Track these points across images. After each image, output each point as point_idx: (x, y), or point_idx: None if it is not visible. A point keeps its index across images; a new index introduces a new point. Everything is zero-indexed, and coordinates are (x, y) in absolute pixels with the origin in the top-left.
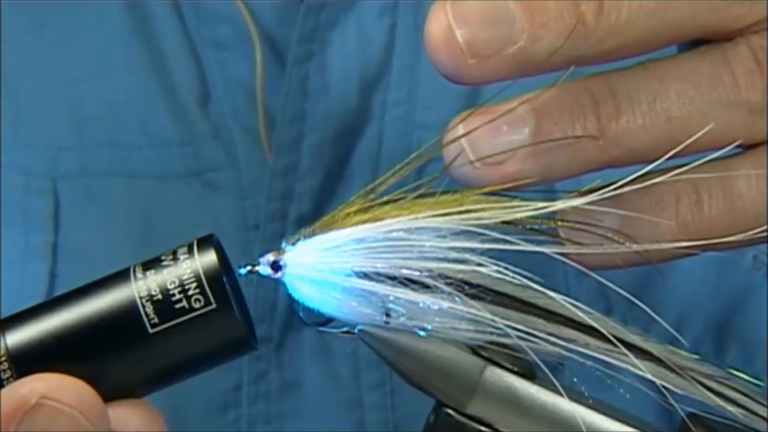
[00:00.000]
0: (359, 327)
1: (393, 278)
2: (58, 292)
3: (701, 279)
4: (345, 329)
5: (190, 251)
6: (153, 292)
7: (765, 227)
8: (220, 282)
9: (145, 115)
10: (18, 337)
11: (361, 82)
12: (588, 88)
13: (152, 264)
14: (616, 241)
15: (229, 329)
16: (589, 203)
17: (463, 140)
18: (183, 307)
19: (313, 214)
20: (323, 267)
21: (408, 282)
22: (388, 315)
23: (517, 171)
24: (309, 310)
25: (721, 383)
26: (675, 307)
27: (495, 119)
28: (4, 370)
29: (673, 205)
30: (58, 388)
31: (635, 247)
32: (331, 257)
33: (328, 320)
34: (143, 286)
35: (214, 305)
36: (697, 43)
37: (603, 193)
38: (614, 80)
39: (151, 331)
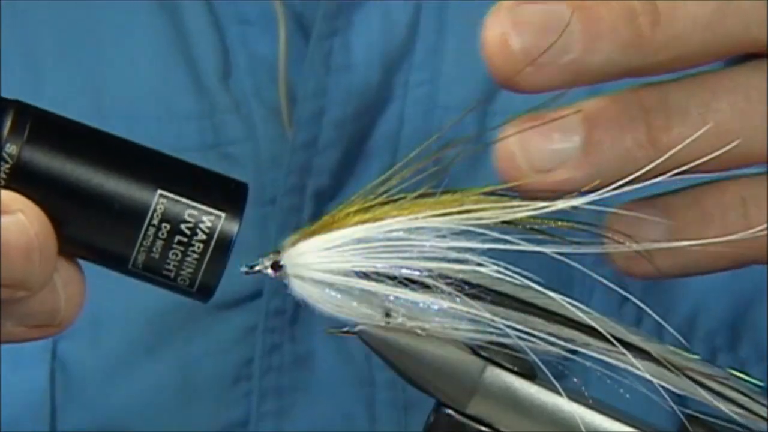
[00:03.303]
0: (359, 327)
1: (393, 278)
2: None
3: (716, 273)
4: (345, 329)
5: (219, 204)
6: (165, 217)
7: (765, 227)
8: (225, 254)
9: (166, 88)
10: (38, 154)
11: (383, 61)
12: (639, 98)
13: (183, 191)
14: (617, 241)
15: (199, 274)
16: (589, 203)
17: (514, 146)
18: (180, 242)
19: (331, 189)
20: (323, 267)
21: (408, 282)
22: (388, 315)
23: (567, 179)
24: None
25: (721, 383)
26: (689, 299)
27: (546, 126)
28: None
29: (720, 217)
30: (34, 215)
31: (635, 247)
32: (331, 257)
33: None
34: (162, 207)
35: (204, 264)
36: (747, 57)
37: (603, 193)
38: (666, 91)
39: (133, 254)
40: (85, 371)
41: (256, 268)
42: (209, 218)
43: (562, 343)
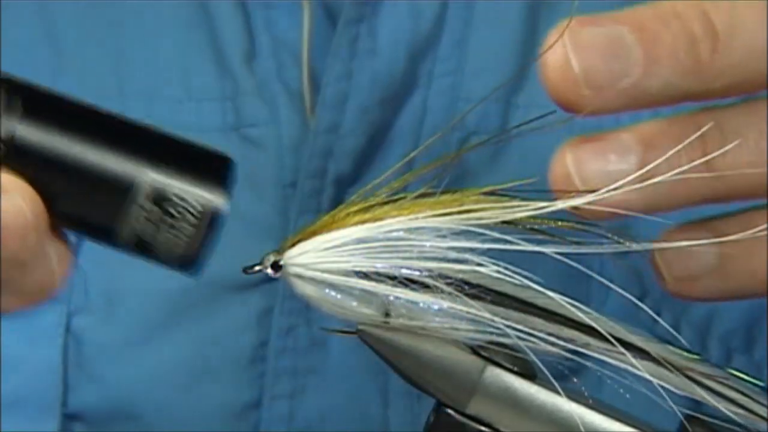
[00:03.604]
0: (359, 327)
1: (393, 278)
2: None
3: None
4: (345, 329)
5: (208, 181)
6: (154, 194)
7: (765, 227)
8: (213, 230)
9: (189, 68)
10: (30, 131)
11: (409, 49)
12: (695, 121)
13: (172, 167)
14: (617, 241)
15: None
16: (589, 203)
17: (570, 166)
18: (169, 218)
19: (353, 174)
20: (323, 267)
21: (408, 282)
22: (388, 315)
23: (623, 201)
24: None
25: (721, 383)
26: None
27: (602, 146)
28: None
29: None
30: (28, 195)
31: (635, 246)
32: (331, 257)
33: None
34: (151, 183)
35: (193, 239)
36: None
37: (603, 193)
38: (722, 116)
39: (121, 229)
40: (99, 347)
41: (257, 268)
42: (198, 195)
43: (562, 343)
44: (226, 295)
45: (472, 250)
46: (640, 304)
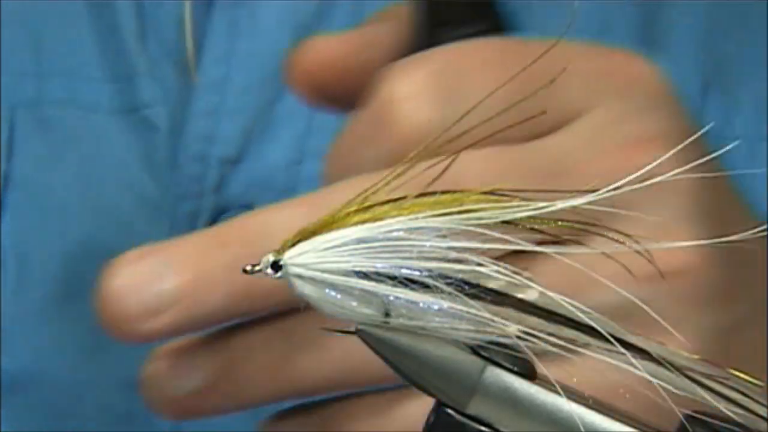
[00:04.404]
0: (359, 327)
1: (393, 278)
2: (4, 222)
3: None
4: (345, 329)
5: None
6: None
7: (765, 227)
8: None
9: (82, 49)
10: None
11: (295, 28)
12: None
13: None
14: (617, 241)
15: None
16: (590, 203)
17: (120, 289)
18: None
19: (238, 155)
20: (323, 267)
21: (408, 282)
22: (388, 315)
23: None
24: None
25: (721, 383)
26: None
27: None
28: None
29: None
30: None
31: (635, 246)
32: (331, 257)
33: None
34: None
35: None
36: None
37: (603, 193)
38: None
39: None
40: (11, 319)
41: (257, 268)
42: None
43: (562, 343)
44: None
45: (472, 250)
46: (640, 303)
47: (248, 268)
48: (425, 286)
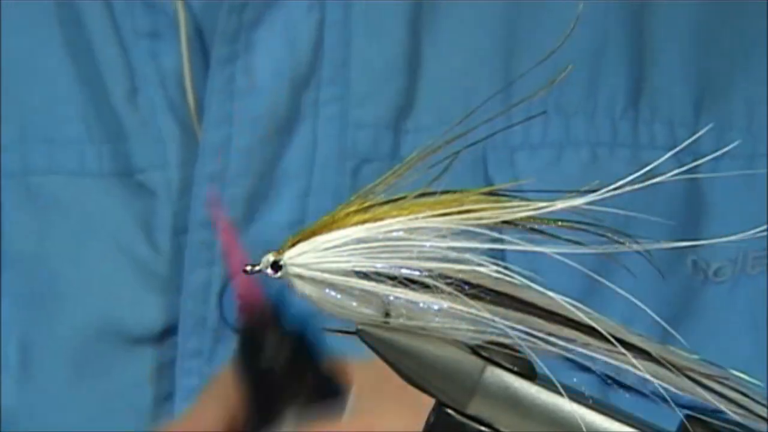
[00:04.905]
0: (359, 327)
1: (393, 278)
2: (3, 309)
3: (647, 280)
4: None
5: None
6: None
7: (765, 227)
8: None
9: (68, 110)
10: None
11: (291, 80)
12: None
13: None
14: (617, 241)
15: None
16: (589, 203)
17: None
18: None
19: (246, 217)
20: (323, 267)
21: (408, 282)
22: (388, 315)
23: None
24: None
25: (721, 383)
26: (620, 305)
27: None
28: None
29: None
30: None
31: (635, 246)
32: (331, 257)
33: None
34: None
35: None
36: None
37: (603, 193)
38: None
39: None
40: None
41: (257, 268)
42: None
43: (562, 343)
44: (123, 349)
45: (472, 250)
46: (640, 304)
47: (249, 268)
48: (425, 286)
